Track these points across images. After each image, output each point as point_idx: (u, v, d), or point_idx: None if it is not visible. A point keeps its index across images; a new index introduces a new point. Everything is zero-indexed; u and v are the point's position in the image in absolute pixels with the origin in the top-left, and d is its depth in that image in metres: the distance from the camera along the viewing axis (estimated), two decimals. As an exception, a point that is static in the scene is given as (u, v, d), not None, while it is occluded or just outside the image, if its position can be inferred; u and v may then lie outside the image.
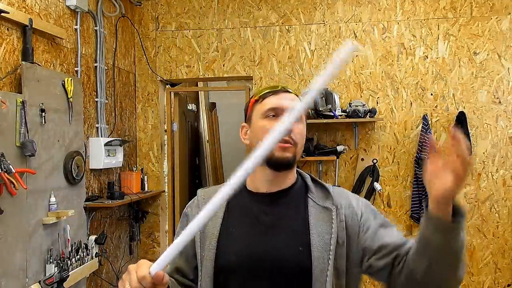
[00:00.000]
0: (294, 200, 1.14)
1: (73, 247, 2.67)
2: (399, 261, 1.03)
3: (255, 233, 1.10)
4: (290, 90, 1.17)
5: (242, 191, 1.18)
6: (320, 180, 1.20)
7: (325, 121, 3.48)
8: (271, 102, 1.13)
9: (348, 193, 1.18)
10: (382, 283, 1.08)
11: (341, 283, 1.07)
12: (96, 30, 3.23)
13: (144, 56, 3.90)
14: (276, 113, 1.12)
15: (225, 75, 3.90)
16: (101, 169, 3.22)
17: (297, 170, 1.22)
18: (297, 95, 1.19)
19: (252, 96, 1.20)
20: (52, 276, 2.36)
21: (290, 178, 1.17)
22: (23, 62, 2.36)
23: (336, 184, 3.60)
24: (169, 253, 0.88)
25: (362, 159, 3.66)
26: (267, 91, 1.17)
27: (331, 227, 1.08)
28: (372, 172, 3.59)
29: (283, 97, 1.14)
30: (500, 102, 3.57)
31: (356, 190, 3.58)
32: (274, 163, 1.11)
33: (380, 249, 1.06)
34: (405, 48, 3.66)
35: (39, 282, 2.33)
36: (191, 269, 1.17)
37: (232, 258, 1.08)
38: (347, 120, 3.49)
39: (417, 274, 0.97)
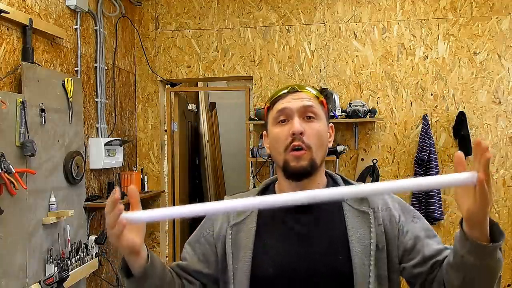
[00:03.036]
0: (328, 205, 1.05)
1: (73, 247, 2.67)
2: (434, 268, 1.00)
3: (291, 244, 1.06)
4: (298, 89, 1.11)
5: None
6: (352, 181, 1.13)
7: (325, 121, 3.47)
8: (279, 107, 1.09)
9: None
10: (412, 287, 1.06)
11: None
12: (96, 30, 3.23)
13: (144, 56, 3.90)
14: (286, 117, 1.08)
15: (225, 75, 3.89)
16: (101, 169, 3.22)
17: (326, 172, 1.15)
18: (314, 91, 1.12)
19: (265, 103, 1.17)
20: (52, 276, 2.36)
21: (318, 182, 1.11)
22: (23, 62, 2.36)
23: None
24: (149, 214, 0.95)
25: (362, 159, 3.66)
26: (276, 95, 1.13)
27: (370, 231, 1.04)
28: (372, 172, 3.59)
29: (291, 98, 1.09)
30: (500, 102, 3.57)
31: (356, 190, 3.57)
32: (291, 174, 1.06)
33: (418, 256, 1.02)
34: (405, 48, 3.66)
35: (39, 282, 2.33)
36: (198, 272, 1.13)
37: (269, 270, 1.04)
38: (347, 120, 3.49)
39: (452, 286, 0.94)
